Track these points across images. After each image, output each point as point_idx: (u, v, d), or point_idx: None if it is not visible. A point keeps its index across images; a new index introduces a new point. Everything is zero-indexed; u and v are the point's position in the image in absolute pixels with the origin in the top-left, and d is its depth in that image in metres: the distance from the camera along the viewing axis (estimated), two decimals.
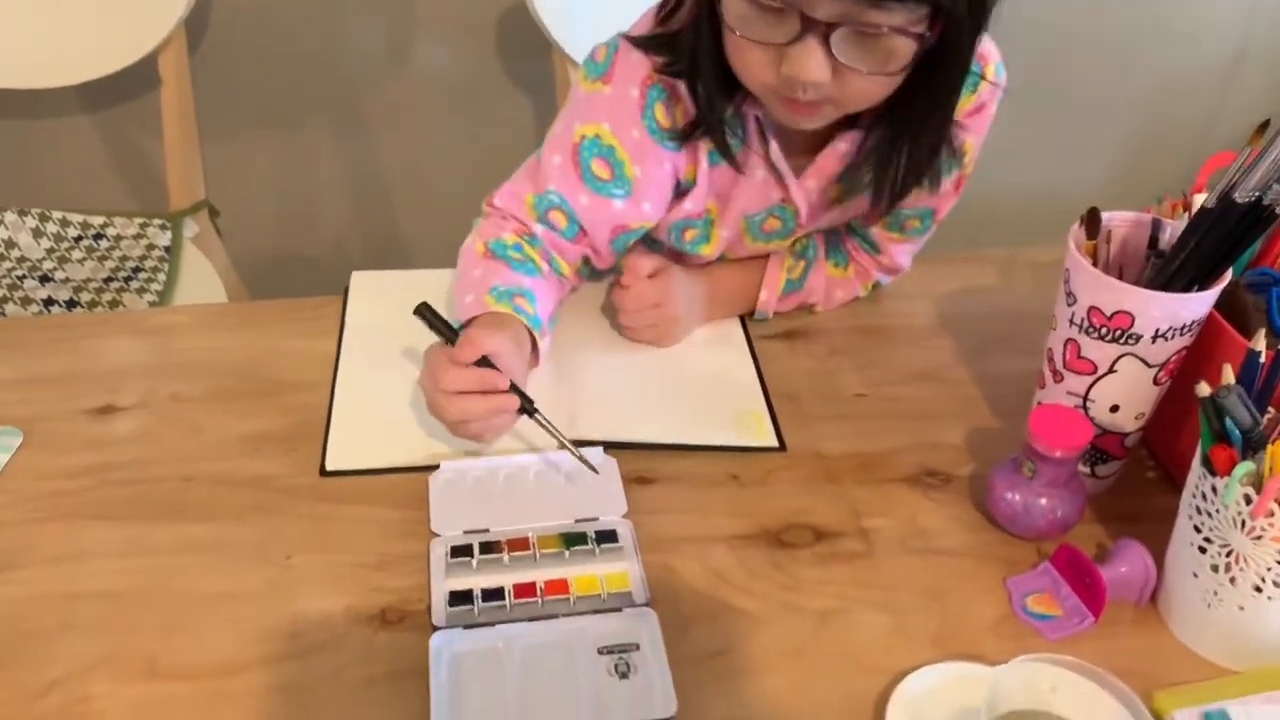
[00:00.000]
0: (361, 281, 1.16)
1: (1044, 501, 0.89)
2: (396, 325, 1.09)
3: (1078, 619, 0.85)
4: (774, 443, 1.01)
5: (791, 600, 0.87)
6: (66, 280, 1.71)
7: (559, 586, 0.85)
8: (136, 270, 1.75)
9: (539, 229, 1.04)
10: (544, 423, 0.91)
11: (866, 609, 0.87)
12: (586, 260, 1.08)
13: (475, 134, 2.05)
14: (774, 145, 1.03)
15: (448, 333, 0.92)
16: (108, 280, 1.72)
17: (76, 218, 1.78)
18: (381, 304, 1.13)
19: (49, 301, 1.65)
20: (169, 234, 1.80)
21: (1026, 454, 0.89)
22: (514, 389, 0.90)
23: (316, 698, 0.78)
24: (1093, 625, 0.84)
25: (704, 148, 1.04)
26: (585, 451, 0.97)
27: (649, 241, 1.13)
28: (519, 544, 0.88)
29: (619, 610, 0.84)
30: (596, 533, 0.89)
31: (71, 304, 1.68)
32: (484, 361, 0.89)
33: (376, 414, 1.00)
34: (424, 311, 0.92)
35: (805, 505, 0.95)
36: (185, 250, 1.79)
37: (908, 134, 0.98)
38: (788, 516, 0.94)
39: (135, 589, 0.85)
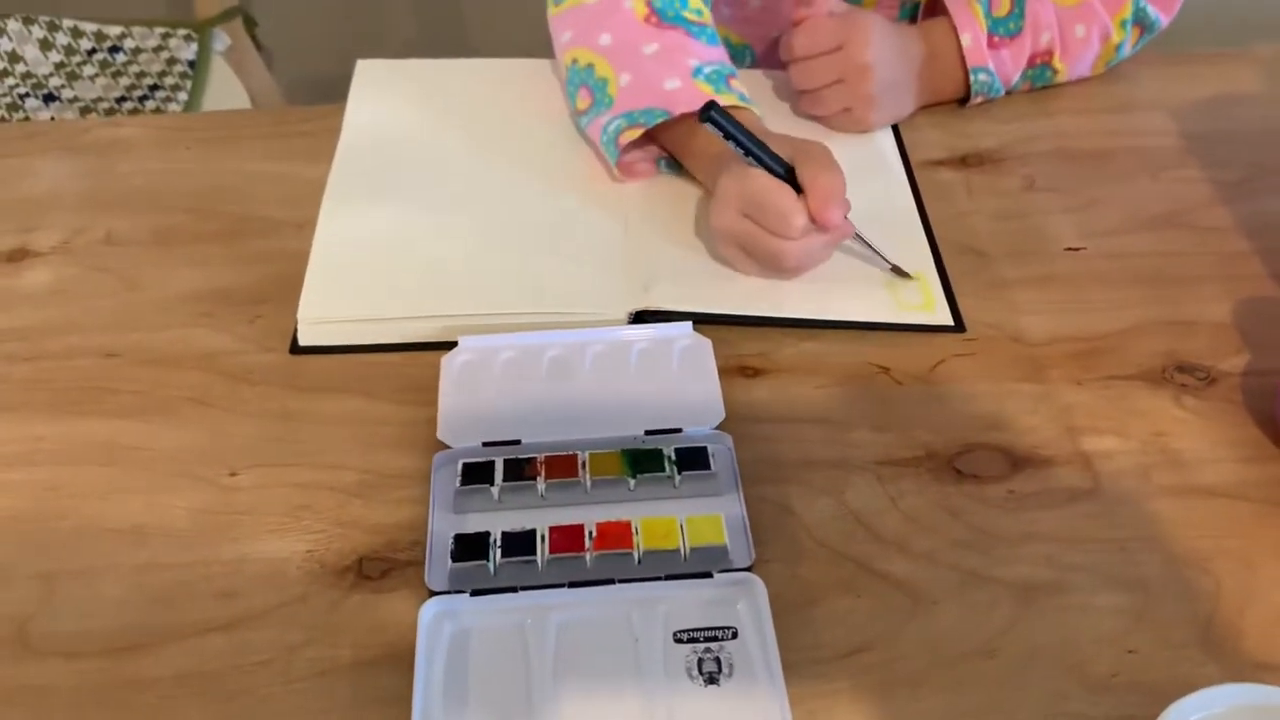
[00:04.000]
0: (369, 74, 0.85)
1: None
2: (409, 135, 0.79)
3: None
4: (947, 319, 0.68)
5: (974, 565, 0.57)
6: (74, 100, 1.47)
7: (618, 534, 0.56)
8: (154, 89, 1.49)
9: None
10: (868, 241, 0.71)
11: (1094, 583, 0.56)
12: None
13: None
14: None
15: (766, 159, 0.67)
16: (120, 100, 1.48)
17: (90, 27, 1.55)
18: (393, 105, 0.82)
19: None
20: (194, 46, 1.54)
21: None
22: None
23: (247, 695, 0.52)
24: None
25: None
26: (668, 327, 0.67)
27: None
28: (562, 465, 0.59)
29: (707, 576, 0.55)
30: (678, 451, 0.60)
31: None
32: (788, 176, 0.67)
33: (372, 265, 0.70)
34: (722, 120, 0.67)
35: (995, 415, 0.64)
36: (214, 66, 1.54)
37: None
38: (967, 432, 0.63)
39: (9, 515, 0.59)
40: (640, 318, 0.67)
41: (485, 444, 0.60)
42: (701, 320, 0.67)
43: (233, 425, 0.64)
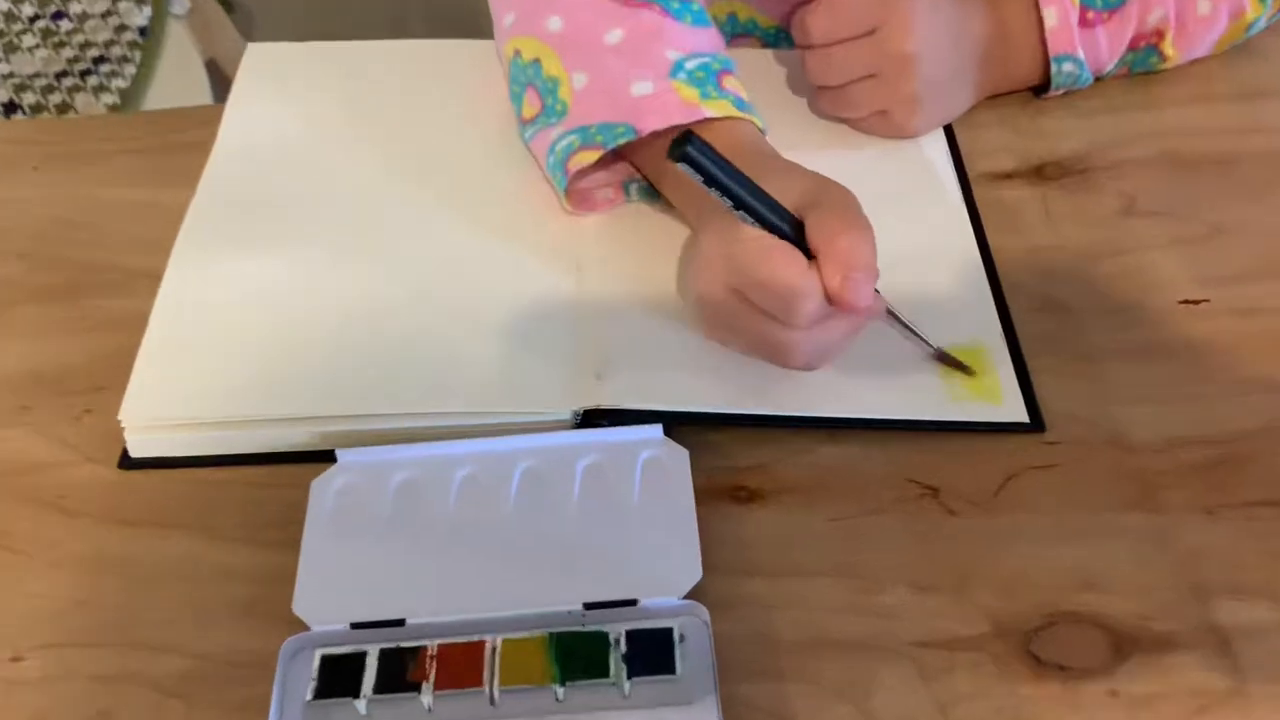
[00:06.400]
0: (260, 62, 0.66)
1: None
2: (297, 150, 0.61)
3: None
4: (1020, 414, 0.49)
5: None
6: (9, 76, 1.30)
7: None
8: (99, 61, 1.32)
9: None
10: (903, 320, 0.51)
11: None
12: None
13: None
14: None
15: (765, 212, 0.46)
16: (60, 75, 1.31)
17: None
18: (283, 107, 0.63)
19: None
20: (147, 11, 1.36)
21: None
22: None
23: None
24: None
25: None
26: (629, 432, 0.48)
27: None
28: (461, 661, 0.41)
29: None
30: (630, 639, 0.41)
31: (10, 107, 1.27)
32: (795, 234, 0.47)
33: (225, 342, 0.52)
34: (704, 160, 0.44)
35: (1087, 565, 0.45)
36: (169, 36, 1.36)
37: None
38: (1049, 594, 0.44)
39: None
40: (591, 418, 0.49)
41: (353, 626, 0.42)
42: (677, 420, 0.49)
43: (28, 581, 0.46)
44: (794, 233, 0.46)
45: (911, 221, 0.57)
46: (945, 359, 0.50)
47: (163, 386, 0.50)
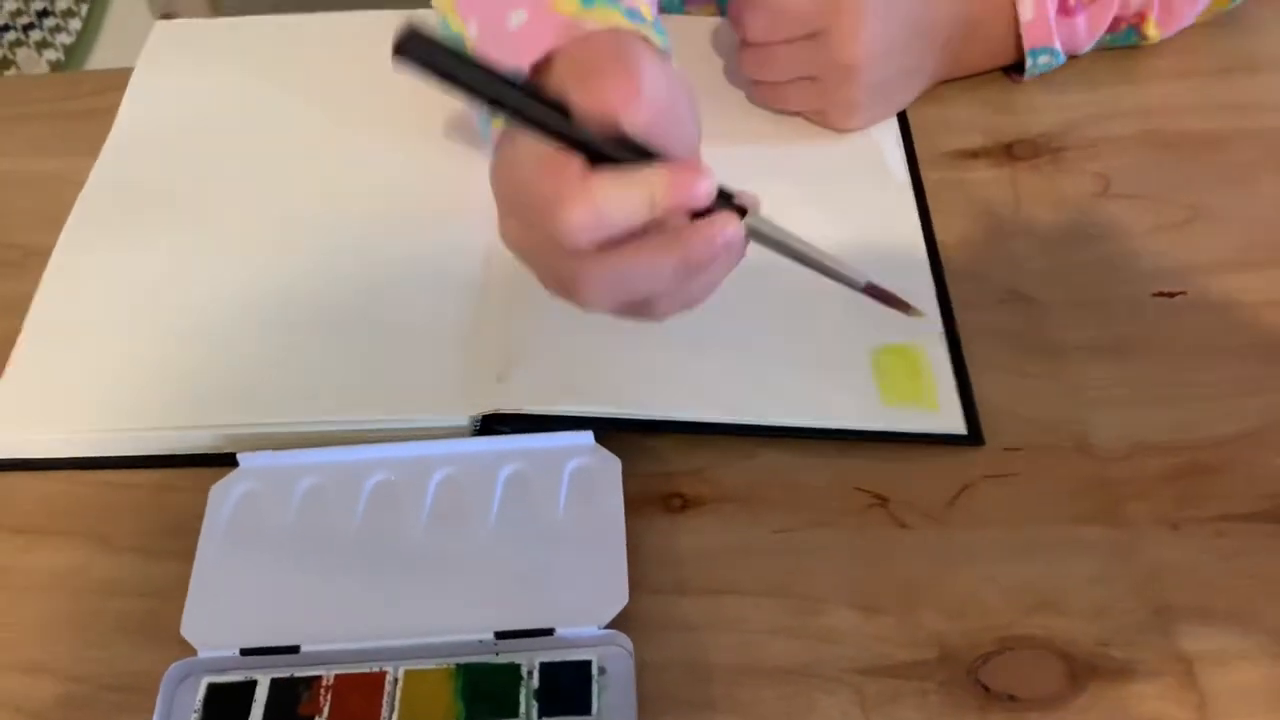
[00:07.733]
0: (166, 40, 0.62)
1: None
2: (204, 128, 0.56)
3: None
4: (957, 425, 0.45)
5: None
6: None
7: None
8: (43, 15, 1.26)
9: None
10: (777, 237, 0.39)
11: None
12: None
13: None
14: None
15: (529, 110, 0.36)
16: (3, 29, 1.25)
17: None
18: (191, 83, 0.59)
19: None
20: None
21: None
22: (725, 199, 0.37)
23: None
24: None
25: None
26: (558, 439, 0.44)
27: None
28: (357, 696, 0.38)
29: None
30: (544, 668, 0.38)
31: None
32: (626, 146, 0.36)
33: (113, 339, 0.48)
34: (438, 58, 0.35)
35: (1045, 584, 0.42)
36: None
37: None
38: (1001, 616, 0.41)
39: None
40: (489, 425, 0.45)
41: (243, 651, 0.39)
42: (606, 425, 0.45)
43: None
44: (587, 144, 0.35)
45: (850, 206, 0.53)
46: (877, 294, 0.41)
47: (42, 379, 0.46)
